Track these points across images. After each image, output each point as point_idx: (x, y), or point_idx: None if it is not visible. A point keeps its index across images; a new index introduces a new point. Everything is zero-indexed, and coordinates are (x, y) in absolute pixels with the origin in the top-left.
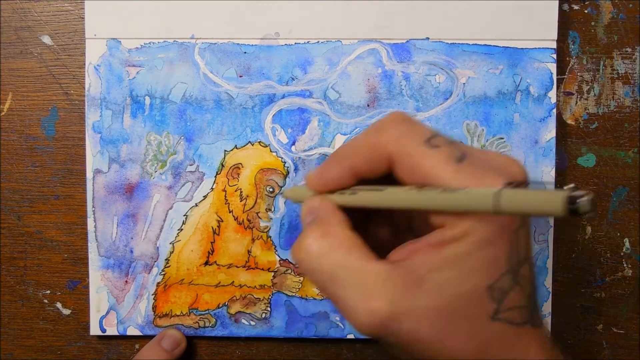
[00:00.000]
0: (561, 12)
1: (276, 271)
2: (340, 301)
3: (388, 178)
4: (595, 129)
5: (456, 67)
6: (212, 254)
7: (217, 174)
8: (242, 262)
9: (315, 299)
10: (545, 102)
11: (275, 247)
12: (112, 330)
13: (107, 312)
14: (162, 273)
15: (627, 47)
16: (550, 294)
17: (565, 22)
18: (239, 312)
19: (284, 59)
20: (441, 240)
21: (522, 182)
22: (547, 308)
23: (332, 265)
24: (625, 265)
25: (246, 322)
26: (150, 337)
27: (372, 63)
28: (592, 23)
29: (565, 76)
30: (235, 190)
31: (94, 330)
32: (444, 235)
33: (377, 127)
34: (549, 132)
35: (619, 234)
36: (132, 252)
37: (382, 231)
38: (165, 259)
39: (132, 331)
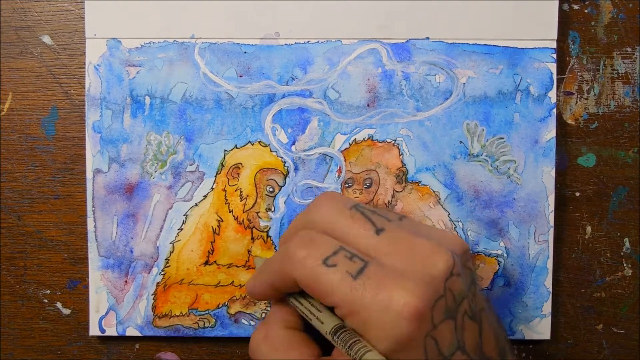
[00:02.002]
0: (561, 11)
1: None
2: None
3: None
4: (595, 129)
5: (456, 67)
6: (212, 254)
7: (217, 173)
8: (242, 261)
9: None
10: (545, 102)
11: (275, 246)
12: (111, 331)
13: (107, 313)
14: (162, 273)
15: (627, 47)
16: (550, 294)
17: (565, 22)
18: (239, 312)
19: (284, 59)
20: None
21: (440, 277)
22: (547, 308)
23: None
24: (625, 265)
25: (246, 322)
26: (149, 337)
27: (372, 63)
28: (592, 23)
29: (565, 76)
30: (235, 190)
31: (93, 330)
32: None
33: (285, 247)
34: (549, 132)
35: (619, 234)
36: (132, 252)
37: None
38: (165, 259)
39: (132, 332)
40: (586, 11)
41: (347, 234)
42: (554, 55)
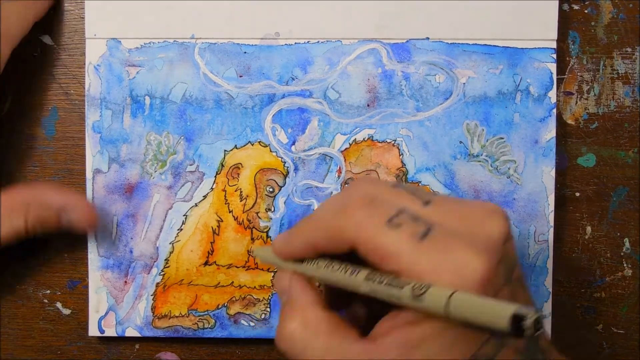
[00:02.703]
0: (561, 12)
1: (276, 271)
2: None
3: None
4: (595, 129)
5: (456, 67)
6: (211, 254)
7: (217, 173)
8: (241, 262)
9: None
10: (545, 102)
11: None
12: (110, 331)
13: (106, 313)
14: (162, 273)
15: (627, 47)
16: (550, 294)
17: (565, 22)
18: (239, 312)
19: (284, 59)
20: (417, 316)
21: (500, 241)
22: (547, 308)
23: (318, 353)
24: (625, 265)
25: (246, 323)
26: (149, 338)
27: (372, 63)
28: (592, 23)
29: (565, 76)
30: (235, 190)
31: (93, 331)
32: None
33: (340, 205)
34: (549, 132)
35: (619, 234)
36: (131, 252)
37: (360, 306)
38: (165, 259)
39: (131, 332)
40: (586, 11)
41: (397, 205)
42: (554, 56)
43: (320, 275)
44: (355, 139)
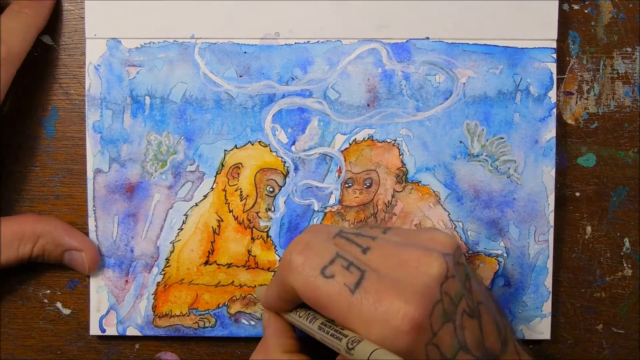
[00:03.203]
0: (561, 11)
1: (276, 271)
2: None
3: None
4: (595, 129)
5: (456, 67)
6: (212, 254)
7: (217, 173)
8: (242, 261)
9: None
10: (545, 102)
11: (275, 246)
12: (111, 330)
13: (107, 312)
14: (162, 273)
15: (627, 47)
16: (550, 294)
17: (565, 21)
18: (239, 312)
19: (284, 59)
20: None
21: (434, 283)
22: (547, 308)
23: None
24: (625, 265)
25: (246, 322)
26: (149, 337)
27: (372, 63)
28: (592, 23)
29: (565, 76)
30: (235, 190)
31: (94, 330)
32: None
33: (283, 261)
34: (549, 132)
35: (619, 234)
36: (132, 251)
37: None
38: (166, 259)
39: (132, 331)
40: (586, 11)
41: (332, 253)
42: (554, 55)
43: (291, 321)
44: (355, 138)
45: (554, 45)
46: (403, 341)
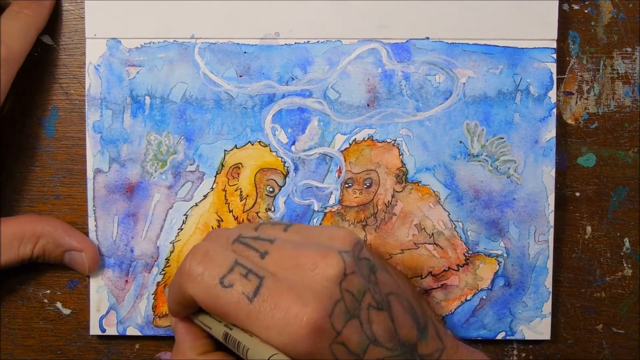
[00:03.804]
0: (561, 11)
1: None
2: None
3: None
4: (595, 129)
5: (456, 67)
6: None
7: (217, 173)
8: None
9: None
10: (545, 102)
11: None
12: (111, 330)
13: (107, 312)
14: (163, 273)
15: (627, 47)
16: (550, 294)
17: (565, 21)
18: None
19: (284, 59)
20: None
21: (333, 283)
22: (547, 308)
23: None
24: (625, 265)
25: None
26: (150, 337)
27: (372, 63)
28: (592, 23)
29: (565, 76)
30: (235, 190)
31: (94, 330)
32: None
33: (182, 270)
34: (549, 132)
35: (619, 234)
36: (132, 251)
37: None
38: (166, 259)
39: (132, 331)
40: (586, 11)
41: (230, 261)
42: (554, 55)
43: (196, 323)
44: (355, 138)
45: (554, 45)
46: (303, 345)
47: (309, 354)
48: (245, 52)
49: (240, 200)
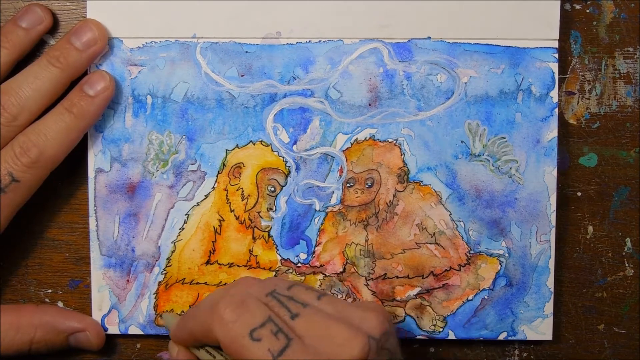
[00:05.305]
0: (563, 11)
1: (277, 271)
2: None
3: None
4: (597, 129)
5: (458, 67)
6: (213, 254)
7: (218, 173)
8: (243, 261)
9: None
10: (547, 102)
11: (277, 246)
12: (113, 329)
13: (109, 311)
14: (164, 272)
15: (629, 47)
16: (552, 294)
17: (567, 21)
18: None
19: (285, 59)
20: None
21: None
22: (548, 308)
23: None
24: (626, 264)
25: None
26: (152, 336)
27: (374, 62)
28: (594, 23)
29: (567, 76)
30: (237, 190)
31: None
32: None
33: (216, 302)
34: (551, 132)
35: (620, 234)
36: (133, 251)
37: None
38: (167, 258)
39: (134, 330)
40: (588, 11)
41: (264, 316)
42: (556, 55)
43: (198, 355)
44: (357, 138)
45: (556, 45)
46: None
47: None
48: (246, 52)
49: (242, 200)
